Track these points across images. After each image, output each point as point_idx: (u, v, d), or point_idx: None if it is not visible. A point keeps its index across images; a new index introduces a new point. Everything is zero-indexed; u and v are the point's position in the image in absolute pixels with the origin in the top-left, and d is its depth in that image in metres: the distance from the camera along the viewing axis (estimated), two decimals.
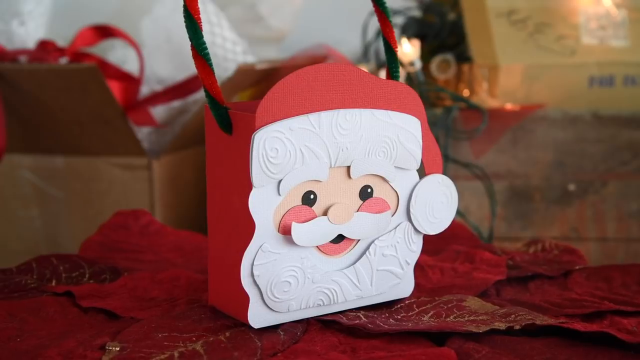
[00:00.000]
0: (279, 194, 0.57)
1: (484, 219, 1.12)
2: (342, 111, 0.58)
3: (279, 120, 0.56)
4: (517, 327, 0.58)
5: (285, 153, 0.56)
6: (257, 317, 0.59)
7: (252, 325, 0.59)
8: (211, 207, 0.62)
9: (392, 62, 0.64)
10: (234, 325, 0.60)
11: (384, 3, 0.63)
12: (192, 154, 1.18)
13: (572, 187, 1.13)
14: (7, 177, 1.13)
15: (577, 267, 0.73)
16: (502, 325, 0.58)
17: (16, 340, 0.59)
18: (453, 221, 0.85)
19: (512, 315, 0.60)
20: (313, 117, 0.57)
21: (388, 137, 0.60)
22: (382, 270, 0.62)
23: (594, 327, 0.58)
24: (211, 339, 0.57)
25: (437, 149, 0.64)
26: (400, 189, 0.62)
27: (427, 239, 0.66)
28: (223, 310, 0.62)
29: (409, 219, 0.63)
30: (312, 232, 0.59)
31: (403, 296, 0.65)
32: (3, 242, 1.15)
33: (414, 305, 0.63)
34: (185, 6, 0.56)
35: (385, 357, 0.54)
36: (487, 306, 0.62)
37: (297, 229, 0.58)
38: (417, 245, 0.64)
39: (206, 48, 0.56)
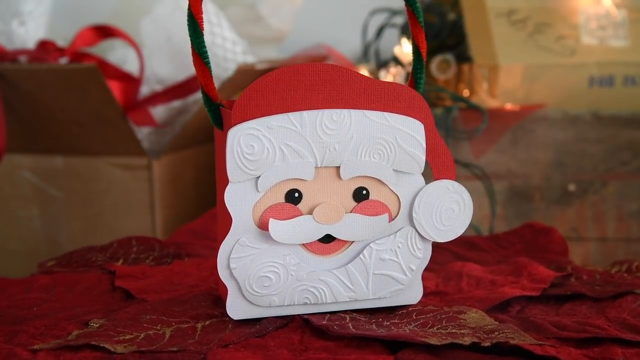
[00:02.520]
0: (258, 190, 0.58)
1: (484, 219, 1.12)
2: (327, 111, 0.58)
3: (257, 117, 0.56)
4: (487, 344, 0.55)
5: (263, 150, 0.57)
6: (236, 308, 0.59)
7: (231, 316, 0.59)
8: (217, 200, 0.63)
9: (417, 64, 0.63)
10: (220, 315, 0.60)
11: (415, 2, 0.61)
12: (192, 154, 1.19)
13: (572, 187, 1.13)
14: (7, 177, 1.13)
15: (634, 291, 0.67)
16: (467, 340, 0.55)
17: (32, 308, 0.61)
18: (555, 232, 0.79)
19: (496, 332, 0.57)
20: (294, 115, 0.57)
21: (384, 139, 0.59)
22: (379, 274, 0.61)
23: (564, 354, 0.54)
24: (186, 325, 0.58)
25: (449, 153, 0.62)
26: (402, 193, 0.61)
27: (511, 247, 0.63)
28: (224, 299, 0.62)
29: (412, 224, 0.62)
30: (293, 229, 0.58)
31: (409, 303, 0.63)
32: (3, 242, 1.15)
33: (414, 314, 0.62)
34: (189, 6, 0.57)
35: (326, 359, 0.54)
36: (484, 320, 0.60)
37: (274, 226, 0.58)
38: (423, 251, 0.62)
39: (204, 47, 0.57)
